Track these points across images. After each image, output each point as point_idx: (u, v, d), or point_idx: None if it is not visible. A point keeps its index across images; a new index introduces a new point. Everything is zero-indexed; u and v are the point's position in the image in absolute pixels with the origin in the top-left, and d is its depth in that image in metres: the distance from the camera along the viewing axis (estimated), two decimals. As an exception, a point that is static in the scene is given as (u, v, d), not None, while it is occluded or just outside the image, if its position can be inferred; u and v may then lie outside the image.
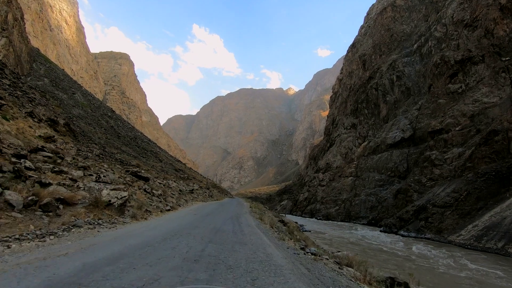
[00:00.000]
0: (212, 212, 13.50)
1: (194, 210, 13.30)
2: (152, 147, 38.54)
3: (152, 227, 7.13)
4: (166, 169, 28.17)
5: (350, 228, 32.39)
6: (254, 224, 10.57)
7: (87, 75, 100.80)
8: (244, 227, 8.89)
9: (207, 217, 10.91)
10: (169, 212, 11.50)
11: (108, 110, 37.50)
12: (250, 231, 8.07)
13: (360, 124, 54.58)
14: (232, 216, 12.33)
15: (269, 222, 12.23)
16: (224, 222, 9.58)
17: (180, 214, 11.13)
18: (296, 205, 58.41)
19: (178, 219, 9.59)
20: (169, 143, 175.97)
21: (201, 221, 9.31)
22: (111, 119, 33.43)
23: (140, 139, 36.92)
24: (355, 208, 42.43)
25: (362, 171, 45.48)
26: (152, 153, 33.13)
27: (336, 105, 79.75)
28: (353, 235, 24.17)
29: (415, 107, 42.69)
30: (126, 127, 36.27)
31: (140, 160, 23.69)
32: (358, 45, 74.07)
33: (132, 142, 30.65)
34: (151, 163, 26.13)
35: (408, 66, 49.58)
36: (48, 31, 78.11)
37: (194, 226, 7.77)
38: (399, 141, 40.93)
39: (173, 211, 12.22)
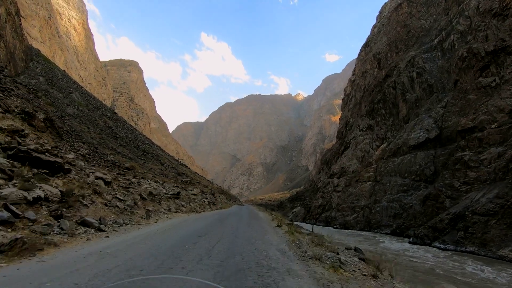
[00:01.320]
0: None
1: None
2: (154, 149, 36.17)
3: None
4: (167, 172, 25.65)
5: (374, 239, 28.90)
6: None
7: (96, 81, 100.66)
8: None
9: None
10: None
11: (108, 111, 35.51)
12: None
13: (377, 125, 51.08)
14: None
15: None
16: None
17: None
18: (310, 213, 54.89)
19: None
20: (178, 150, 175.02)
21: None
22: (110, 120, 31.27)
23: (141, 141, 34.60)
24: (375, 216, 38.79)
25: (382, 175, 41.89)
26: (153, 156, 30.67)
27: (349, 107, 76.36)
28: (384, 249, 20.82)
29: (440, 104, 39.11)
30: (126, 128, 34.07)
31: (137, 162, 21.23)
32: (371, 44, 70.91)
33: (131, 143, 28.31)
34: (150, 165, 23.65)
35: (429, 62, 46.11)
36: (56, 38, 78.05)
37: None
38: (423, 142, 37.33)
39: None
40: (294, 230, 12.16)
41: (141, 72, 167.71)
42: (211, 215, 14.95)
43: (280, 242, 8.79)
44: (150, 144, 38.17)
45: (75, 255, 5.10)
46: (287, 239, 9.61)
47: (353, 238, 27.85)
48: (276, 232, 11.49)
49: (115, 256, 5.25)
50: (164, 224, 10.87)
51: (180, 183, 23.94)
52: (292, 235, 10.49)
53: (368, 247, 21.27)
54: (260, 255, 6.48)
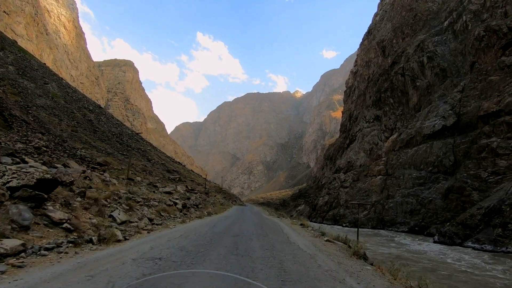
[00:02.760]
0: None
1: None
2: (142, 145, 32.91)
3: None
4: (152, 169, 22.53)
5: (392, 238, 25.71)
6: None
7: (88, 81, 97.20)
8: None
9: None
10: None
11: (91, 105, 32.21)
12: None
13: (385, 115, 47.88)
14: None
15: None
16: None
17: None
18: (315, 210, 51.72)
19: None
20: (176, 150, 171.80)
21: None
22: (91, 113, 28.03)
23: (127, 136, 31.33)
24: (389, 213, 35.63)
25: (394, 168, 38.72)
26: (139, 151, 27.52)
27: (352, 99, 73.15)
28: (409, 252, 17.61)
29: (456, 89, 35.90)
30: (111, 122, 30.83)
31: (116, 158, 18.14)
32: (374, 32, 67.61)
33: (113, 138, 25.14)
34: (132, 161, 20.51)
35: (440, 45, 42.89)
36: (44, 35, 74.61)
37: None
38: (440, 130, 34.13)
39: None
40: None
41: (136, 72, 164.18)
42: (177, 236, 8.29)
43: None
44: (138, 139, 34.83)
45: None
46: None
47: (364, 237, 24.53)
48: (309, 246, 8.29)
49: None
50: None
51: (166, 180, 20.85)
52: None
53: (394, 251, 18.07)
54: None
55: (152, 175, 19.79)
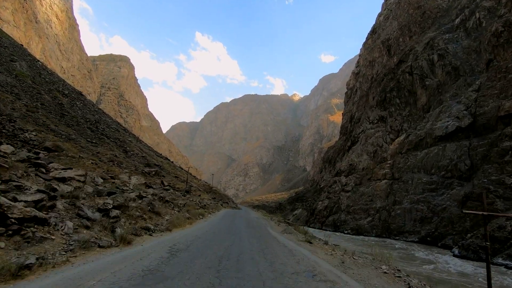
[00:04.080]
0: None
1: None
2: (121, 135, 29.56)
3: None
4: (124, 160, 19.37)
5: (405, 251, 22.70)
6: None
7: (80, 73, 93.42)
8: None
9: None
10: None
11: (67, 89, 28.85)
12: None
13: (390, 116, 45.14)
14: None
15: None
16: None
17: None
18: (314, 215, 48.66)
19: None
20: (171, 149, 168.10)
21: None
22: (65, 97, 24.81)
23: (106, 124, 28.05)
24: (395, 220, 32.71)
25: (401, 172, 35.87)
26: (115, 141, 24.29)
27: (354, 100, 70.52)
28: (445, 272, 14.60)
29: (471, 88, 33.23)
30: (88, 109, 27.49)
31: (77, 144, 15.01)
32: (379, 30, 65.16)
33: (85, 124, 21.96)
34: (99, 150, 17.42)
35: (452, 43, 40.35)
36: (33, 23, 70.99)
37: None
38: (453, 132, 31.39)
39: None
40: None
41: (132, 67, 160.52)
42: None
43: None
44: (118, 129, 31.40)
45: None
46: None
47: (371, 248, 21.34)
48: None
49: None
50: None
51: (138, 173, 17.78)
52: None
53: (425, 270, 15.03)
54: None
55: (121, 167, 16.60)
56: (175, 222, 10.62)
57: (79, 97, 29.01)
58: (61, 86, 27.46)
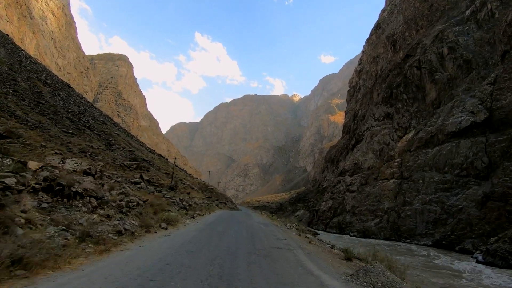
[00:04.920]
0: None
1: None
2: (109, 128, 27.44)
3: None
4: (102, 152, 17.34)
5: (422, 256, 20.62)
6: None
7: (76, 71, 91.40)
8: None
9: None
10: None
11: (51, 79, 26.75)
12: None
13: (397, 113, 43.14)
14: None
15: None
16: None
17: None
18: (317, 216, 46.59)
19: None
20: (170, 149, 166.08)
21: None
22: (46, 86, 22.85)
23: (91, 116, 26.00)
24: (406, 222, 30.66)
25: (411, 170, 33.85)
26: (99, 134, 22.30)
27: (357, 98, 68.56)
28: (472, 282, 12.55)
29: (486, 81, 31.24)
30: (72, 100, 25.43)
31: (45, 133, 13.07)
32: (383, 26, 63.22)
33: (64, 114, 20.00)
34: (73, 140, 15.47)
35: (463, 35, 38.40)
36: (27, 19, 69.06)
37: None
38: (468, 128, 29.38)
39: None
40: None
41: (131, 67, 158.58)
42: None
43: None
44: (105, 122, 29.24)
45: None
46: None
47: (384, 252, 19.03)
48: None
49: None
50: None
51: (115, 167, 15.78)
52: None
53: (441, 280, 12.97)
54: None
55: (94, 159, 14.66)
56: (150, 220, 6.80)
57: (64, 88, 26.98)
58: (45, 75, 25.46)
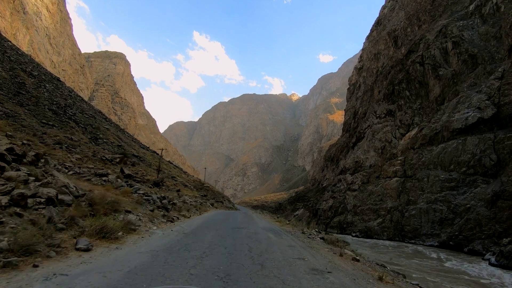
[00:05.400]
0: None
1: None
2: (98, 122, 26.15)
3: None
4: (83, 145, 16.17)
5: (432, 259, 19.56)
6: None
7: (71, 68, 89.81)
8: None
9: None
10: None
11: (38, 70, 25.44)
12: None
13: (399, 109, 42.13)
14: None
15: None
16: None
17: None
18: (317, 216, 45.52)
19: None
20: (168, 148, 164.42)
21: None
22: (31, 78, 21.59)
23: (79, 110, 24.72)
24: (410, 222, 29.61)
25: (415, 168, 32.81)
26: (85, 127, 21.09)
27: (357, 95, 67.53)
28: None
29: (492, 76, 30.22)
30: (60, 93, 24.19)
31: (17, 123, 11.90)
32: (384, 22, 62.17)
33: (47, 106, 18.81)
34: (51, 132, 14.29)
35: (468, 30, 37.37)
36: (20, 14, 67.50)
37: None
38: (474, 124, 28.35)
39: None
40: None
41: (128, 65, 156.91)
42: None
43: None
44: (95, 116, 27.89)
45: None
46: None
47: (390, 254, 17.87)
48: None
49: None
50: None
51: (94, 160, 14.65)
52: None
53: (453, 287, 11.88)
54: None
55: (70, 151, 13.51)
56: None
57: (52, 81, 25.68)
58: (31, 67, 24.20)
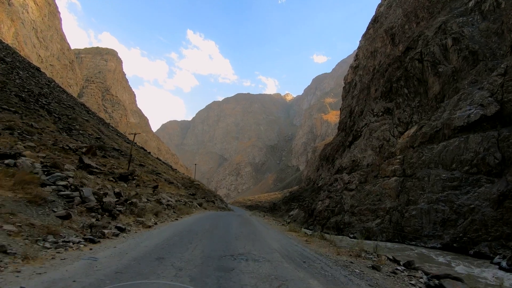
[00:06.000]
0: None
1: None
2: (77, 114, 24.38)
3: None
4: (46, 133, 14.56)
5: (439, 263, 18.41)
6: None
7: (60, 64, 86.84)
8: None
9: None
10: None
11: (12, 57, 23.55)
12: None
13: (398, 107, 41.19)
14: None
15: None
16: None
17: None
18: (313, 216, 44.31)
19: None
20: (160, 147, 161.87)
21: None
22: (2, 63, 19.79)
23: (56, 100, 22.93)
24: (410, 222, 28.55)
25: (414, 168, 31.80)
26: (59, 117, 19.37)
27: (353, 94, 66.65)
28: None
29: (495, 72, 29.36)
30: (35, 81, 22.36)
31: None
32: (381, 19, 61.37)
33: (15, 92, 17.10)
34: (8, 117, 12.69)
35: (468, 27, 36.60)
36: (5, 5, 64.62)
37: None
38: (477, 121, 27.43)
39: None
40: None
41: (120, 62, 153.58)
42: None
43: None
44: (74, 107, 25.83)
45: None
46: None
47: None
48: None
49: None
50: None
51: (56, 150, 13.06)
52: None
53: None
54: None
55: (24, 139, 11.96)
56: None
57: (28, 69, 23.79)
58: (4, 53, 22.30)
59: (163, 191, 20.46)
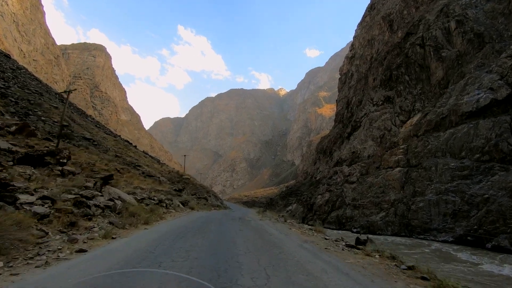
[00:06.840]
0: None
1: None
2: (44, 100, 22.02)
3: None
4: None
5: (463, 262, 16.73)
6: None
7: (44, 59, 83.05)
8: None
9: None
10: None
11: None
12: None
13: (399, 95, 39.49)
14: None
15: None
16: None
17: None
18: (312, 211, 42.61)
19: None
20: (153, 144, 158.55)
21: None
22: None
23: (20, 84, 20.72)
24: (418, 215, 26.94)
25: (420, 157, 30.16)
26: (15, 101, 17.18)
27: (350, 84, 64.89)
28: None
29: (504, 54, 27.73)
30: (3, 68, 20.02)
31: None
32: (378, 6, 59.47)
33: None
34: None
35: (471, 8, 34.88)
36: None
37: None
38: (486, 106, 25.81)
39: None
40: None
41: (108, 57, 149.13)
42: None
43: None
44: (41, 93, 23.36)
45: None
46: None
47: (439, 263, 14.59)
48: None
49: None
50: None
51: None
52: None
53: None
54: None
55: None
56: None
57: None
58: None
59: (129, 184, 16.85)
